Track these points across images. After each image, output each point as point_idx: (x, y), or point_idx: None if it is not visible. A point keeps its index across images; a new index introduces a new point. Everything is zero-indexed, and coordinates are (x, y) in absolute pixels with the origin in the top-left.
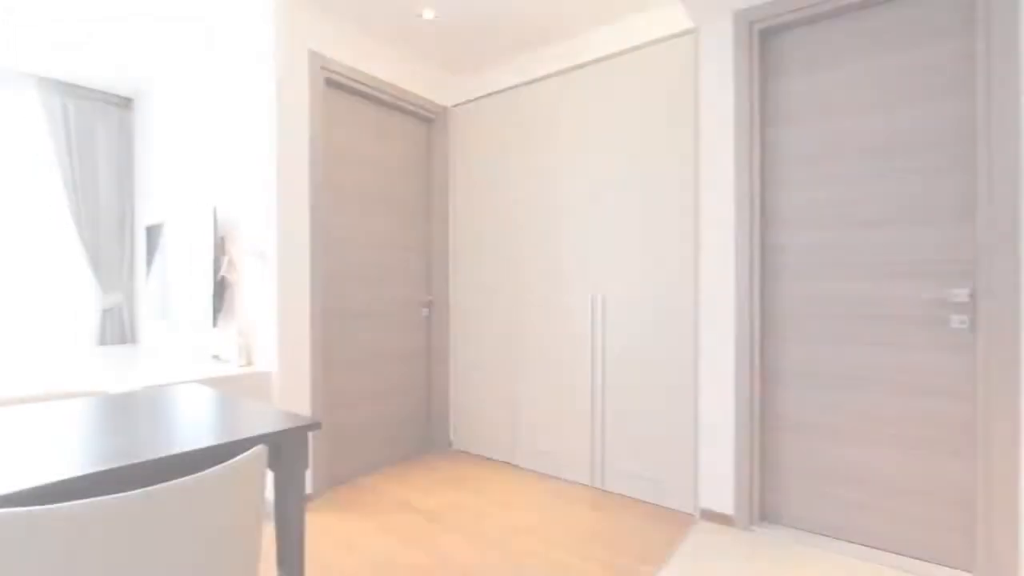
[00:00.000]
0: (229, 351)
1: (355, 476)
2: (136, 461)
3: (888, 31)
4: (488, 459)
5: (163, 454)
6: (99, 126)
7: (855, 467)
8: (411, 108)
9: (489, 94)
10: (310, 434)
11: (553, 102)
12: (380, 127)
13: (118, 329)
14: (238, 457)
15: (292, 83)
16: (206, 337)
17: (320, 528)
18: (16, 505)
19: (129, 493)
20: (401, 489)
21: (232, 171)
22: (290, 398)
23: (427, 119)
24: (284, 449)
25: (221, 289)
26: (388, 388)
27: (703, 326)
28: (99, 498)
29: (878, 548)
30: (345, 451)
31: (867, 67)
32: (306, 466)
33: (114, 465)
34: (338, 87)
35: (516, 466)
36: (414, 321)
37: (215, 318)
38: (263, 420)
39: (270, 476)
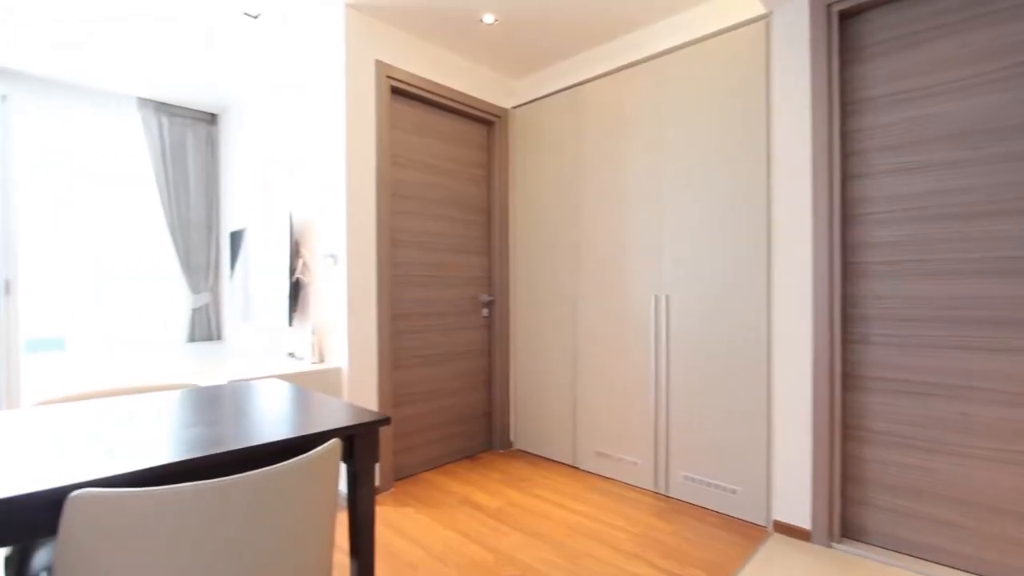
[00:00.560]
0: (303, 348)
1: (418, 471)
2: (224, 450)
3: (979, 4)
4: (548, 460)
5: (247, 444)
6: (189, 140)
7: (949, 483)
8: (472, 112)
9: (550, 94)
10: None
11: (615, 99)
12: (442, 131)
13: (205, 327)
14: (315, 450)
15: (360, 93)
16: (283, 335)
17: (385, 520)
18: (115, 486)
19: (224, 479)
20: (463, 486)
21: (306, 179)
22: (358, 394)
23: (488, 122)
24: (357, 443)
25: (296, 290)
26: (450, 387)
27: (777, 327)
28: (202, 482)
29: (972, 573)
30: (409, 446)
31: (956, 46)
32: (376, 460)
33: (206, 453)
34: (402, 95)
35: (577, 468)
36: (475, 321)
37: (291, 317)
38: (338, 415)
39: (342, 468)
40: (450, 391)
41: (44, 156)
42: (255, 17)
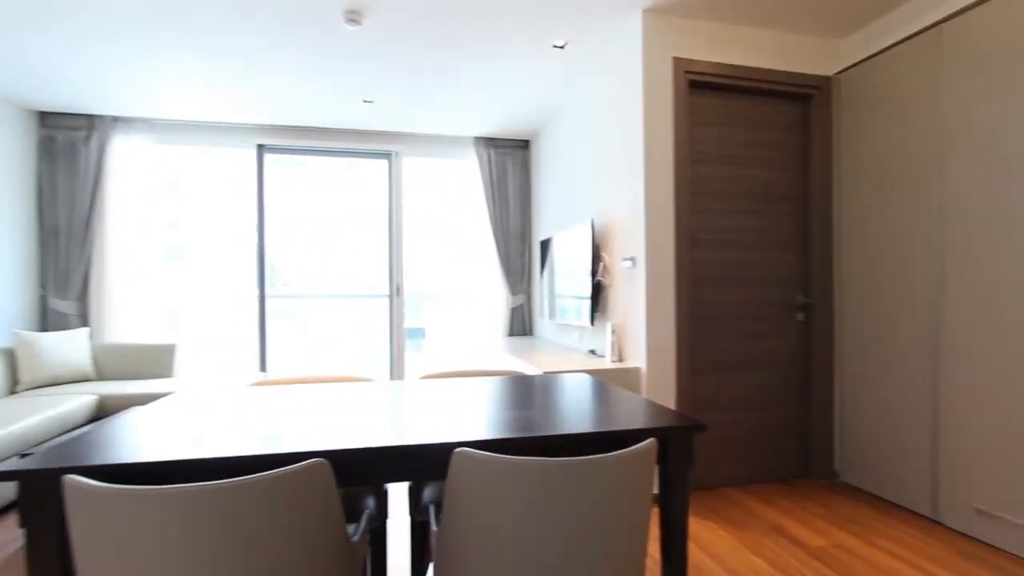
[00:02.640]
0: (604, 347)
1: (719, 485)
2: (552, 434)
3: None
4: (891, 503)
5: (565, 431)
6: (509, 165)
7: None
8: (782, 89)
9: (895, 44)
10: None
11: (993, 38)
12: (746, 119)
13: (520, 323)
14: (635, 446)
15: (657, 94)
16: (585, 333)
17: None
18: (478, 448)
19: (554, 459)
20: (771, 512)
21: (606, 186)
22: (657, 396)
23: (802, 97)
24: (670, 446)
25: (597, 292)
26: (756, 398)
27: None
28: (534, 458)
29: None
30: (707, 457)
31: None
32: (691, 465)
33: (534, 435)
34: (701, 87)
35: (938, 523)
36: (787, 326)
37: (592, 317)
38: (649, 415)
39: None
40: (755, 403)
41: (414, 192)
42: (562, 47)
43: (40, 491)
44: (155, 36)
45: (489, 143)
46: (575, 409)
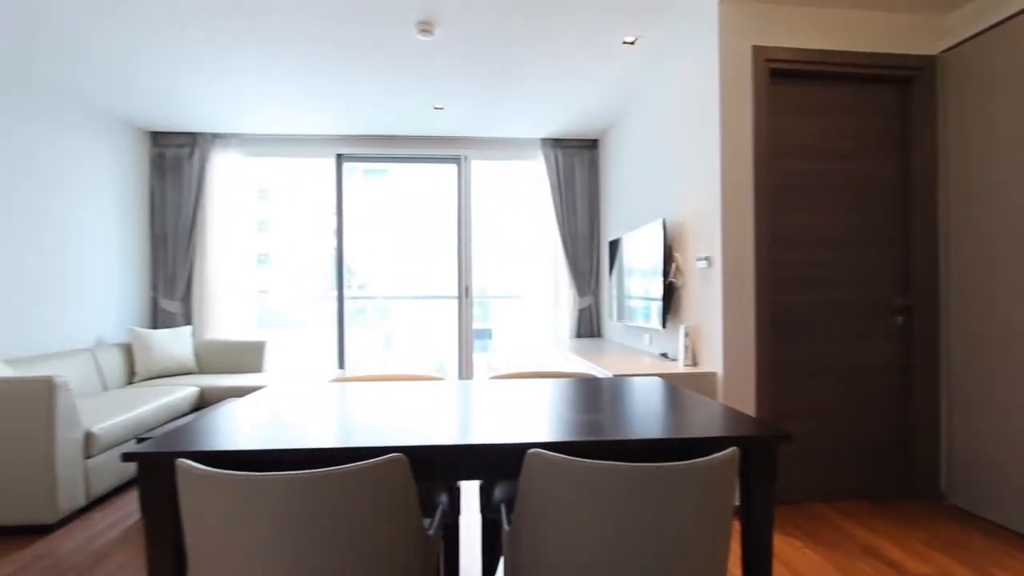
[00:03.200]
0: (676, 350)
1: (803, 499)
2: (618, 438)
3: None
4: (1009, 531)
5: (638, 436)
6: (576, 165)
7: None
8: (878, 73)
9: (1007, 19)
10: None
11: None
12: (835, 108)
13: (588, 325)
14: (716, 455)
15: (735, 85)
16: (655, 336)
17: None
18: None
19: (642, 464)
20: (866, 533)
21: (679, 184)
22: (734, 403)
23: (902, 80)
24: (753, 455)
25: (669, 293)
26: (846, 408)
27: None
28: (614, 462)
29: None
30: (792, 469)
31: None
32: (776, 477)
33: (607, 438)
34: (784, 76)
35: None
36: (883, 331)
37: (664, 319)
38: (729, 422)
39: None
40: (845, 413)
41: (483, 194)
42: (632, 43)
43: (155, 472)
44: (246, 63)
45: (556, 144)
46: (647, 413)
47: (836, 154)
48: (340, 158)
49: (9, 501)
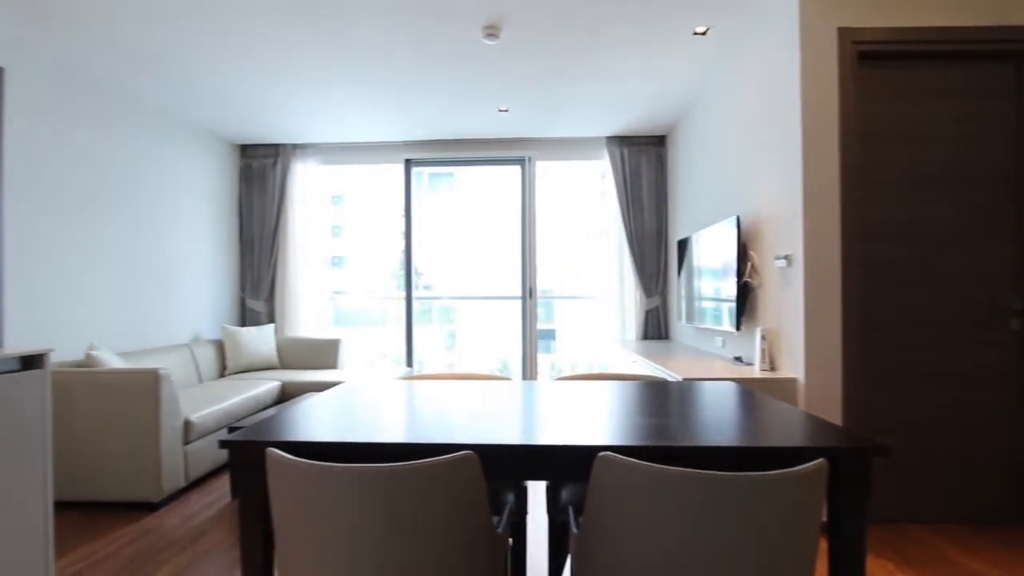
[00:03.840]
0: (752, 354)
1: (896, 519)
2: (692, 444)
3: None
4: None
5: (712, 443)
6: (643, 163)
7: None
8: (987, 49)
9: None
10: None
11: None
12: (934, 90)
13: (655, 327)
14: (803, 466)
15: (817, 71)
16: (729, 338)
17: None
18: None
19: (712, 472)
20: (970, 559)
21: (754, 178)
22: (817, 411)
23: (1017, 55)
24: (842, 469)
25: (744, 294)
26: (950, 422)
27: None
28: (693, 469)
29: None
30: (885, 486)
31: None
32: (870, 493)
33: (679, 444)
34: (874, 59)
35: None
36: (994, 337)
37: (738, 321)
38: (815, 432)
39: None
40: (949, 427)
41: (547, 194)
42: (703, 33)
43: (246, 460)
44: (324, 80)
45: (622, 141)
46: (721, 419)
47: (938, 141)
48: (408, 163)
49: (121, 479)
